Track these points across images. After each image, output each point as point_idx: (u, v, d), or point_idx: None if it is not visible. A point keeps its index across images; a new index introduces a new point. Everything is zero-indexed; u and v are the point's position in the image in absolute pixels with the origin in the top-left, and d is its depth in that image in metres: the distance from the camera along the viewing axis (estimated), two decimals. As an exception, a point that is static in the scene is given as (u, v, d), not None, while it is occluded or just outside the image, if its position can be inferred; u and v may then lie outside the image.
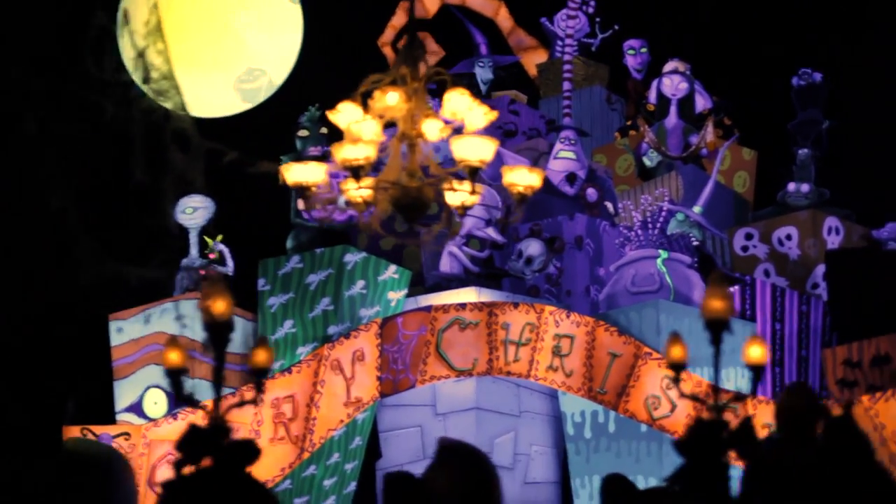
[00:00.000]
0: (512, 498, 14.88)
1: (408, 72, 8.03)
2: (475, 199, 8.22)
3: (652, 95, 19.15)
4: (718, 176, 18.55)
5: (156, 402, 15.19)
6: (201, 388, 15.22)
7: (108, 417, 15.51)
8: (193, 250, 16.03)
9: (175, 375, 5.31)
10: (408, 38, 8.38)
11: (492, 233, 15.53)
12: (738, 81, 20.37)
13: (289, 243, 16.22)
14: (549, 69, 20.93)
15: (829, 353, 14.77)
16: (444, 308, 14.27)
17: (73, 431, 14.30)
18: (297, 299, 15.06)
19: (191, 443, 4.99)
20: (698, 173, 18.10)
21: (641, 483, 13.30)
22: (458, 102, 7.91)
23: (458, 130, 8.10)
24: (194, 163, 5.19)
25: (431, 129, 8.07)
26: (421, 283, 15.89)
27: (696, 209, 16.55)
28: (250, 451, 5.09)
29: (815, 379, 16.28)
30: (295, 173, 8.16)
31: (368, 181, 8.08)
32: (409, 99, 7.97)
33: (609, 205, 16.93)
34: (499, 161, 17.20)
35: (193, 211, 15.92)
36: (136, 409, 15.32)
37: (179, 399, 6.20)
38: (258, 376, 5.79)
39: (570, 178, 17.04)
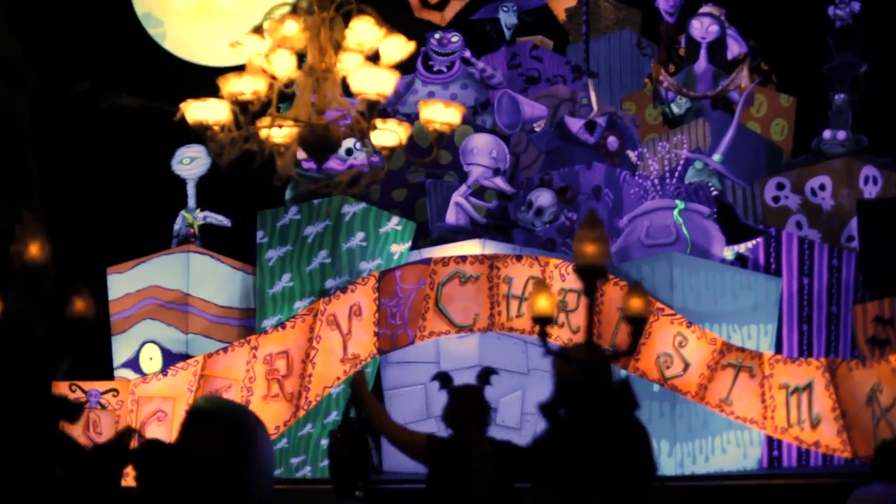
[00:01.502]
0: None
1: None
2: (401, 136, 7.48)
3: (683, 40, 18.22)
4: (753, 124, 17.62)
5: (151, 358, 14.76)
6: (196, 343, 14.78)
7: (108, 373, 15.11)
8: (191, 201, 15.49)
9: None
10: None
11: (500, 182, 14.80)
12: (776, 26, 19.32)
13: (287, 194, 15.55)
14: (577, 13, 20.08)
15: (859, 309, 13.81)
16: (444, 261, 13.54)
17: (62, 387, 13.89)
18: (295, 252, 14.52)
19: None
20: (727, 120, 17.14)
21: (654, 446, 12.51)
22: (365, 32, 7.14)
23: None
24: (20, 98, 4.64)
25: (348, 63, 7.31)
26: (426, 235, 15.21)
27: (716, 157, 15.65)
28: (66, 407, 4.79)
29: (846, 337, 15.43)
30: (195, 111, 7.46)
31: (265, 120, 7.40)
32: (310, 28, 7.21)
33: (631, 153, 16.05)
34: (515, 109, 16.48)
35: (190, 161, 15.39)
36: (133, 364, 14.92)
37: None
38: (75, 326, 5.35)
39: (590, 125, 16.20)
